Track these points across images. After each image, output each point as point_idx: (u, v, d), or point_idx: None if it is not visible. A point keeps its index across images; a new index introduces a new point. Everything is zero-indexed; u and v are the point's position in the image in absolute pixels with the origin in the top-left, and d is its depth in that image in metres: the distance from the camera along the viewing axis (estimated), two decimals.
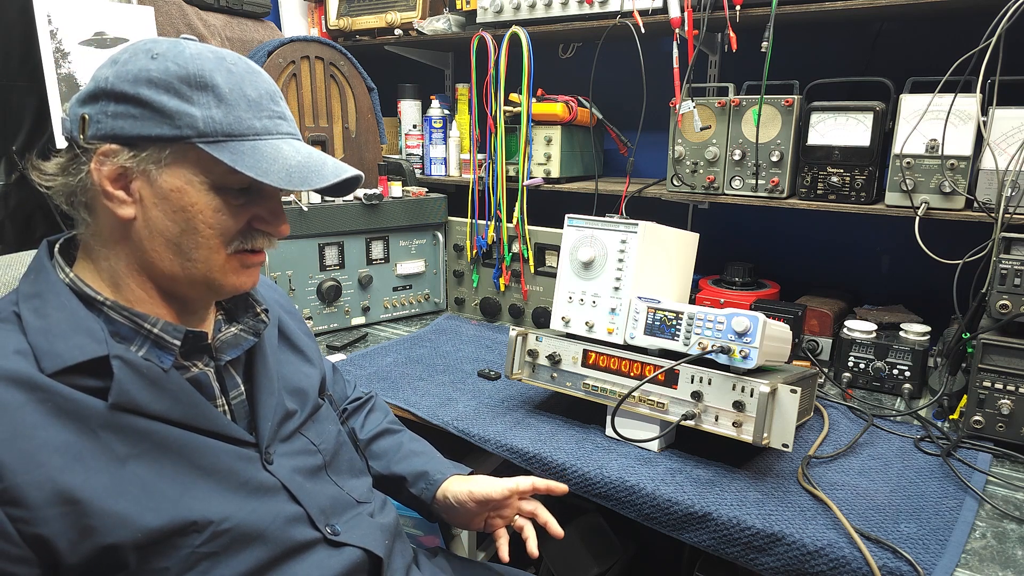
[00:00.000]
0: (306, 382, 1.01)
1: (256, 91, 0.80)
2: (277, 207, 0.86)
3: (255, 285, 0.89)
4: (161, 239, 0.79)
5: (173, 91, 0.76)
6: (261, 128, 0.80)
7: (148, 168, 0.77)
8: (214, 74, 0.77)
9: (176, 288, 0.83)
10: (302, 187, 0.80)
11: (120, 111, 0.76)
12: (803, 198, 1.61)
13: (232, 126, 0.78)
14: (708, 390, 1.18)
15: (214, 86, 0.77)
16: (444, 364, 1.71)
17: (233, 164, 0.77)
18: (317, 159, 0.83)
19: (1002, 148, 1.36)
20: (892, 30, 1.76)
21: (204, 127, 0.76)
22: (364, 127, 2.11)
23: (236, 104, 0.78)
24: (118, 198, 0.78)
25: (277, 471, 0.87)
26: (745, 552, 1.07)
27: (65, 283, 0.80)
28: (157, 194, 0.78)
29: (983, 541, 1.01)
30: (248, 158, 0.78)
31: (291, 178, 0.79)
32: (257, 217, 0.84)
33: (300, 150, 0.83)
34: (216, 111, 0.77)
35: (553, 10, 1.82)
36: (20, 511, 0.68)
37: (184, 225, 0.79)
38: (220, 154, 0.77)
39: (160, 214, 0.78)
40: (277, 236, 0.86)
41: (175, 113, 0.75)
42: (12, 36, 1.54)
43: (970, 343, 1.33)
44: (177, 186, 0.78)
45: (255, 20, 2.14)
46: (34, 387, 0.72)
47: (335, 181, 0.81)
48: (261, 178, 0.77)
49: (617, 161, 2.24)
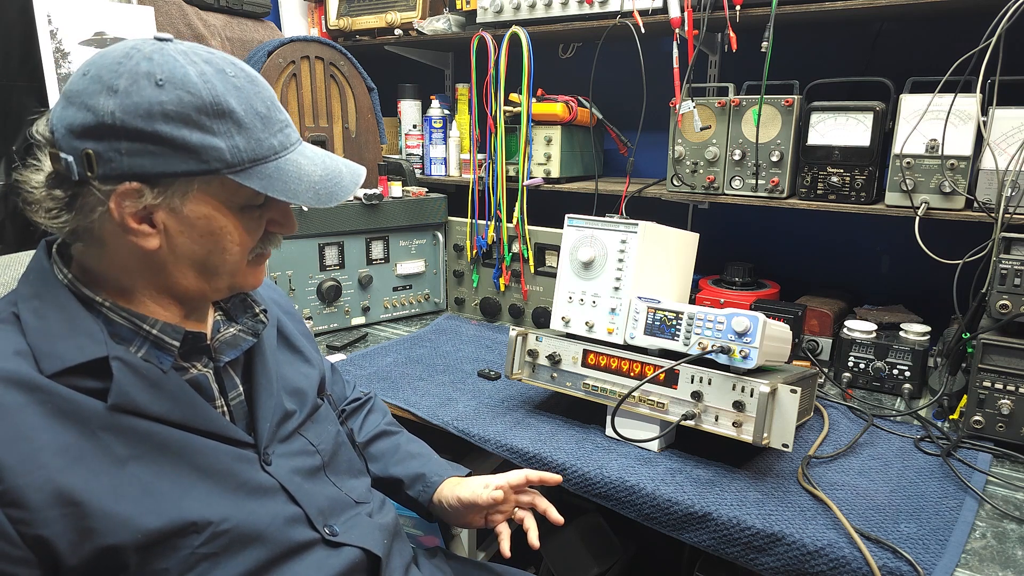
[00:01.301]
0: (305, 382, 1.01)
1: (264, 105, 0.79)
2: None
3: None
4: (187, 262, 0.80)
5: (193, 124, 0.73)
6: (278, 145, 0.80)
7: (169, 200, 0.75)
8: (228, 98, 0.75)
9: (198, 299, 0.86)
10: (330, 203, 0.82)
11: (136, 148, 0.72)
12: (803, 198, 1.61)
13: (255, 151, 0.77)
14: (708, 390, 1.18)
15: (231, 112, 0.75)
16: (444, 364, 1.71)
17: (264, 190, 0.77)
18: (333, 170, 0.84)
19: (1002, 148, 1.36)
20: (892, 30, 1.76)
21: (231, 158, 0.75)
22: (364, 127, 2.11)
23: (253, 126, 0.77)
24: (142, 232, 0.76)
25: (276, 472, 0.87)
26: (745, 552, 1.07)
27: (64, 284, 0.80)
28: (183, 223, 0.77)
29: (983, 541, 1.01)
30: (277, 182, 0.78)
31: (319, 196, 0.81)
32: (272, 221, 0.85)
33: (314, 160, 0.83)
34: (239, 139, 0.76)
35: (553, 10, 1.81)
36: (20, 512, 0.68)
37: (212, 247, 0.80)
38: (249, 182, 0.77)
39: (187, 240, 0.78)
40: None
41: (200, 148, 0.73)
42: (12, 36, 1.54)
43: (970, 343, 1.33)
44: (205, 213, 0.78)
45: (255, 20, 2.14)
46: (34, 388, 0.72)
47: (354, 191, 0.85)
48: (293, 200, 0.79)
49: (617, 161, 2.24)
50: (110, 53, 0.75)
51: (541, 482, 1.12)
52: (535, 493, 1.15)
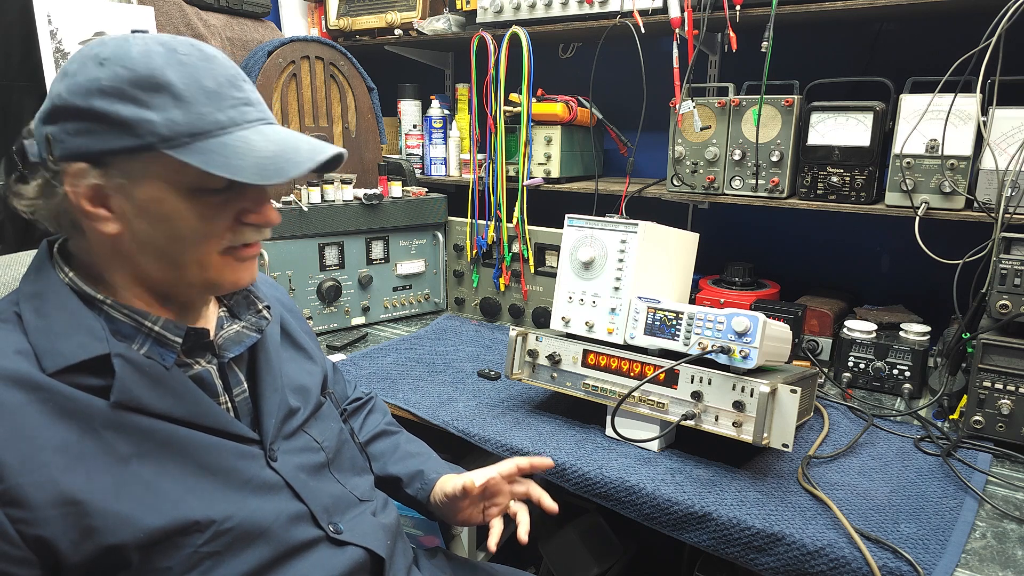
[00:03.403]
0: (309, 379, 1.01)
1: (214, 80, 0.75)
2: (262, 197, 0.82)
3: (253, 280, 0.87)
4: (150, 249, 0.78)
5: (127, 98, 0.72)
6: (226, 120, 0.75)
7: (121, 182, 0.74)
8: (165, 71, 0.72)
9: (175, 292, 0.83)
10: (277, 179, 0.74)
11: (80, 128, 0.72)
12: (803, 198, 1.61)
13: (195, 125, 0.73)
14: (708, 390, 1.18)
15: (168, 84, 0.72)
16: (444, 364, 1.71)
17: (203, 166, 0.72)
18: (291, 144, 0.78)
19: (1002, 148, 1.36)
20: (892, 30, 1.76)
21: (166, 132, 0.72)
22: (364, 127, 2.11)
23: (195, 100, 0.73)
24: (99, 216, 0.75)
25: (281, 469, 0.87)
26: (745, 552, 1.07)
27: (65, 282, 0.80)
28: (137, 207, 0.75)
29: (983, 541, 1.01)
30: (218, 157, 0.73)
31: (264, 172, 0.74)
32: (243, 210, 0.80)
33: (272, 137, 0.78)
34: (175, 112, 0.72)
35: (553, 10, 1.81)
36: (21, 512, 0.68)
37: (169, 233, 0.77)
38: (188, 157, 0.72)
39: (145, 226, 0.76)
40: (267, 226, 0.83)
41: (133, 122, 0.71)
42: (12, 36, 1.54)
43: (970, 343, 1.33)
44: (154, 196, 0.75)
45: (255, 20, 2.14)
46: (35, 387, 0.72)
47: (311, 167, 0.76)
48: (233, 176, 0.73)
49: (617, 161, 2.24)
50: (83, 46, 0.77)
51: (532, 468, 1.10)
52: (529, 482, 1.14)
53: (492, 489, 1.10)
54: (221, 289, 0.85)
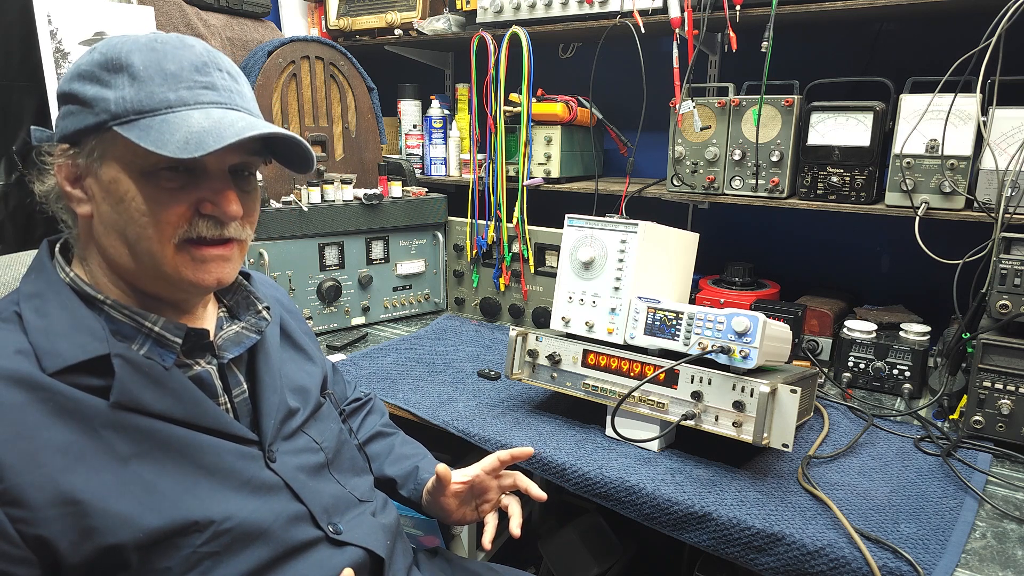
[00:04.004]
0: (308, 380, 1.02)
1: (177, 64, 0.76)
2: (222, 186, 0.79)
3: (222, 282, 0.83)
4: (114, 233, 0.79)
5: (94, 79, 0.76)
6: (176, 100, 0.75)
7: (91, 163, 0.77)
8: (131, 55, 0.75)
9: (143, 285, 0.81)
10: (198, 152, 0.71)
11: (64, 111, 0.78)
12: (803, 198, 1.61)
13: (143, 102, 0.74)
14: (708, 390, 1.18)
15: (128, 65, 0.75)
16: (444, 364, 1.71)
17: (137, 141, 0.72)
18: (227, 122, 0.75)
19: (1002, 148, 1.36)
20: (892, 30, 1.76)
21: (116, 108, 0.74)
22: (364, 127, 2.11)
23: (150, 80, 0.75)
24: (75, 197, 0.79)
25: (280, 469, 0.87)
26: (745, 552, 1.07)
27: (66, 282, 0.80)
28: (102, 188, 0.78)
29: (983, 541, 1.01)
30: (154, 132, 0.72)
31: (187, 145, 0.72)
32: (201, 200, 0.78)
33: (213, 115, 0.75)
34: (128, 91, 0.74)
35: (553, 10, 1.82)
36: (21, 512, 0.68)
37: (125, 216, 0.76)
38: (129, 133, 0.73)
39: (108, 208, 0.78)
40: (225, 219, 0.79)
41: (93, 100, 0.75)
42: (12, 36, 1.54)
43: (970, 343, 1.33)
44: (113, 176, 0.77)
45: (255, 20, 2.14)
46: (35, 387, 0.72)
47: (235, 140, 0.73)
48: (156, 150, 0.71)
49: (617, 161, 2.24)
50: None
51: (513, 459, 1.10)
52: (515, 474, 1.14)
53: (479, 486, 1.11)
54: (180, 286, 0.81)
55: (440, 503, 1.09)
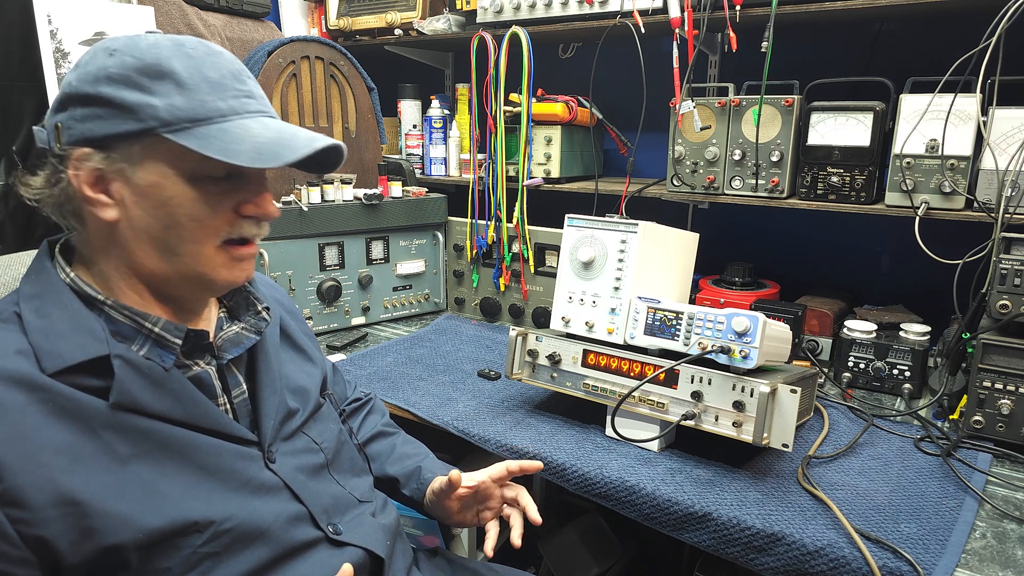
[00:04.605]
0: (308, 381, 1.02)
1: (218, 72, 0.78)
2: (261, 188, 0.83)
3: (250, 278, 0.88)
4: (146, 238, 0.78)
5: (132, 84, 0.75)
6: (227, 109, 0.78)
7: (123, 167, 0.76)
8: (171, 60, 0.76)
9: (168, 288, 0.83)
10: (273, 163, 0.76)
11: (87, 114, 0.75)
12: (803, 198, 1.61)
13: (196, 111, 0.76)
14: (708, 390, 1.18)
15: (172, 72, 0.75)
16: (444, 364, 1.71)
17: (201, 150, 0.74)
18: (288, 133, 0.80)
19: (1002, 148, 1.36)
20: (892, 30, 1.76)
21: (168, 116, 0.75)
22: (364, 127, 2.11)
23: (197, 88, 0.76)
24: (100, 202, 0.77)
25: (279, 470, 0.87)
26: (745, 552, 1.07)
27: (66, 283, 0.80)
28: (136, 192, 0.77)
29: (983, 541, 1.01)
30: (216, 141, 0.75)
31: (260, 155, 0.76)
32: (243, 202, 0.81)
33: (270, 126, 0.80)
34: (178, 98, 0.75)
35: (553, 10, 1.81)
36: (21, 512, 0.68)
37: (167, 220, 0.78)
38: (187, 141, 0.75)
39: (142, 212, 0.77)
40: (266, 220, 0.84)
41: (137, 106, 0.74)
42: (12, 36, 1.54)
43: (970, 343, 1.33)
44: (154, 181, 0.77)
45: (255, 20, 2.14)
46: (35, 387, 0.72)
47: (308, 152, 0.78)
48: (229, 159, 0.75)
49: (617, 161, 2.24)
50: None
51: (522, 471, 1.10)
52: (519, 489, 1.14)
53: (483, 492, 1.11)
54: (215, 287, 0.84)
55: (444, 505, 1.09)
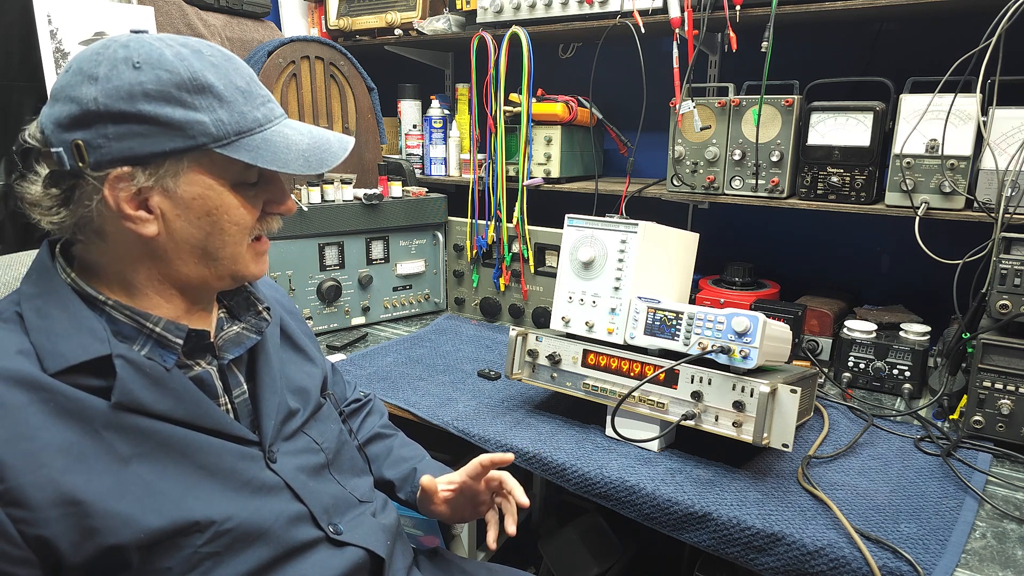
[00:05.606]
0: (308, 381, 1.02)
1: (243, 80, 0.81)
2: (283, 186, 0.88)
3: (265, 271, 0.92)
4: (187, 247, 0.80)
5: (175, 101, 0.74)
6: (262, 118, 0.81)
7: (165, 183, 0.76)
8: (206, 74, 0.77)
9: (201, 290, 0.86)
10: (321, 169, 0.82)
11: (123, 132, 0.73)
12: (803, 198, 1.61)
13: (239, 123, 0.78)
14: (708, 390, 1.18)
15: (210, 87, 0.77)
16: (444, 364, 1.71)
17: (254, 162, 0.78)
18: (320, 138, 0.85)
19: (1002, 148, 1.36)
20: (892, 30, 1.76)
21: (216, 131, 0.76)
22: (364, 127, 2.11)
23: (235, 100, 0.78)
24: (140, 218, 0.77)
25: (280, 470, 0.87)
26: (745, 552, 1.07)
27: (67, 283, 0.80)
28: (179, 205, 0.78)
29: (983, 541, 1.01)
30: (265, 152, 0.79)
31: (309, 163, 0.82)
32: (269, 201, 0.86)
33: (302, 131, 0.84)
34: (222, 112, 0.77)
35: (553, 10, 1.81)
36: (22, 512, 0.68)
37: (210, 228, 0.80)
38: (238, 154, 0.78)
39: (185, 224, 0.79)
40: (286, 215, 0.89)
41: (184, 124, 0.75)
42: (12, 36, 1.54)
43: (970, 343, 1.33)
44: (199, 193, 0.78)
45: (255, 20, 2.14)
46: (37, 387, 0.72)
47: (344, 155, 0.86)
48: (284, 170, 0.80)
49: (617, 161, 2.24)
50: (88, 48, 0.77)
51: (493, 464, 1.08)
52: (502, 474, 1.12)
53: (468, 490, 1.10)
54: (244, 281, 0.89)
55: (431, 511, 1.10)
